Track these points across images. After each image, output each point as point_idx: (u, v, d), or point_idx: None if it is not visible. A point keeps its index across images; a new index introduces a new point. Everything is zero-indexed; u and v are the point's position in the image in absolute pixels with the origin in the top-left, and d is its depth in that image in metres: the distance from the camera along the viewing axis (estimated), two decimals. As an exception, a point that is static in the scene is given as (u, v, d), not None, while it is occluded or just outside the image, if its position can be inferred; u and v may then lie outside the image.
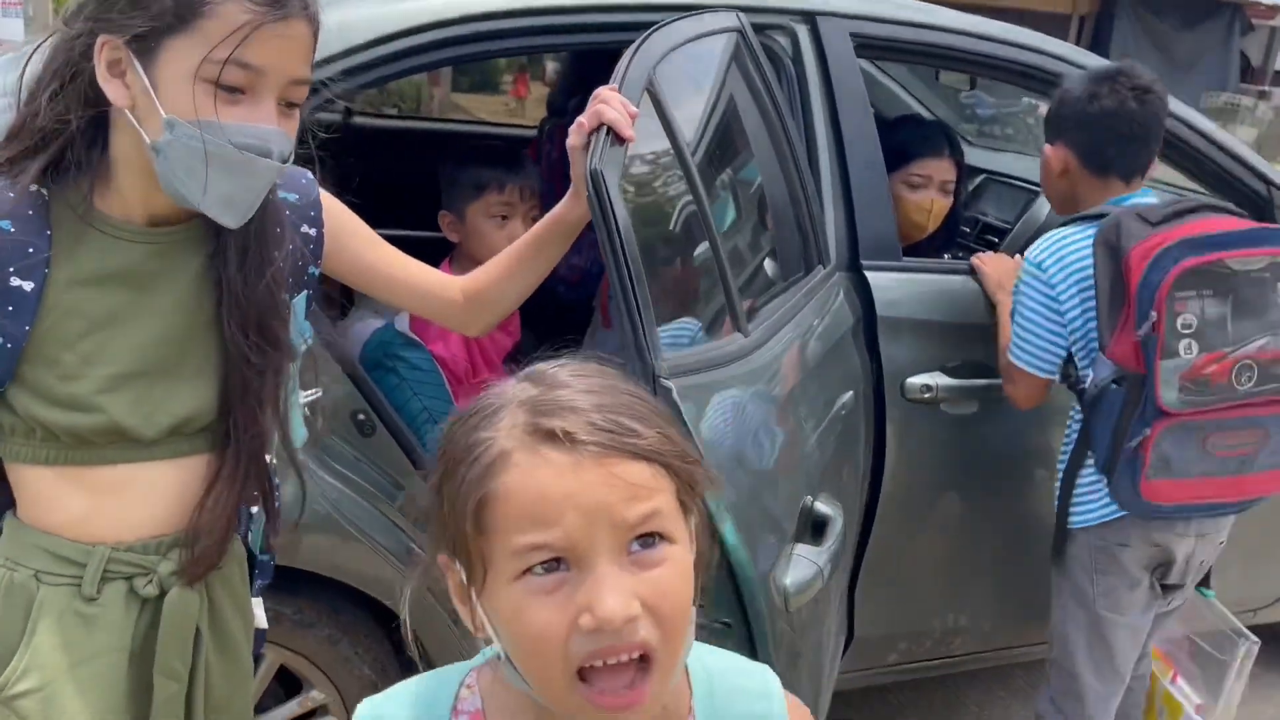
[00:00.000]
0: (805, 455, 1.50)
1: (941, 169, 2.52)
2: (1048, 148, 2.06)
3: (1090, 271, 1.85)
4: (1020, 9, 16.43)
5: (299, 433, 1.32)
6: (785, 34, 2.15)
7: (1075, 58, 2.35)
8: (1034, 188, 3.11)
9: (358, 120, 3.41)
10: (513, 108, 11.21)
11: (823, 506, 1.42)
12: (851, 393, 1.94)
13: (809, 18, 2.15)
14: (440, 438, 0.79)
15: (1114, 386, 1.83)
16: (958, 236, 3.19)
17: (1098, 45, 16.91)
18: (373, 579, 1.87)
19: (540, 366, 0.79)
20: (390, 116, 4.56)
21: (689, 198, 1.38)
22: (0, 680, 1.14)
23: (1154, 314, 1.74)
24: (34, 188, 1.08)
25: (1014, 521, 2.34)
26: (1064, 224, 1.98)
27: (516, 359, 2.45)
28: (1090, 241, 1.86)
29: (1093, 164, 1.98)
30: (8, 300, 1.06)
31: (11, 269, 1.06)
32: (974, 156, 3.52)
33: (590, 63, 2.97)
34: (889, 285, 2.12)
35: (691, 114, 1.56)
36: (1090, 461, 1.95)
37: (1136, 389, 1.80)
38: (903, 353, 2.13)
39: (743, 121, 1.77)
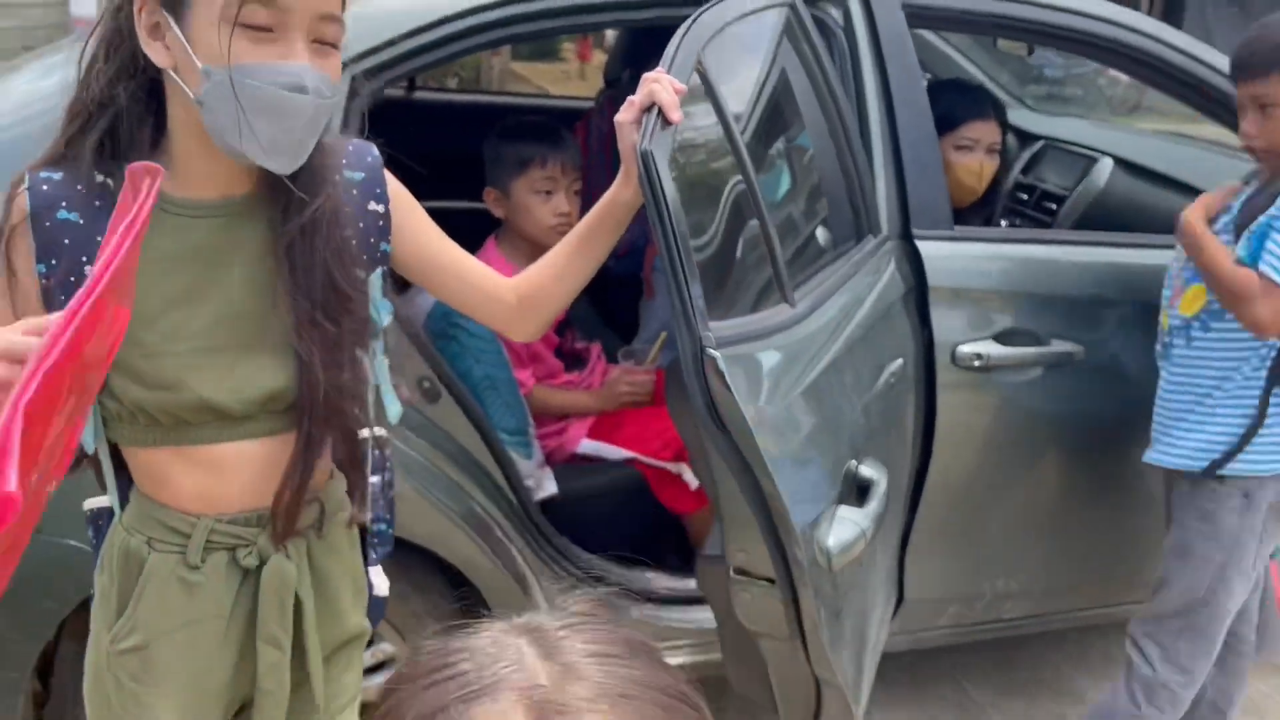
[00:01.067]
0: (850, 421, 1.55)
1: (988, 131, 2.54)
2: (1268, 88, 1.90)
3: None
4: (1091, -35, 16.04)
5: (393, 409, 1.35)
6: (837, 5, 2.17)
7: (1136, 24, 2.34)
8: (1094, 153, 3.09)
9: (418, 95, 3.49)
10: (572, 75, 11.26)
11: (867, 470, 1.47)
12: (901, 360, 1.98)
13: (861, -11, 2.17)
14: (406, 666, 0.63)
15: None
16: (1008, 202, 3.19)
17: (1171, 7, 16.39)
18: (439, 539, 1.97)
19: (548, 627, 0.61)
20: (449, 91, 4.63)
21: (738, 174, 1.43)
22: (111, 634, 1.22)
23: None
24: (100, 178, 1.09)
25: (1069, 485, 2.36)
26: None
27: (565, 327, 2.53)
28: None
29: None
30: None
31: (84, 258, 1.08)
32: (1034, 123, 3.50)
33: (645, 34, 3.01)
34: (940, 254, 2.14)
35: (743, 90, 1.60)
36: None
37: None
38: (955, 321, 2.15)
39: (794, 95, 1.81)
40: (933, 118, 2.28)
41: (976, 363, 2.15)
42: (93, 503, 1.29)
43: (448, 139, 2.66)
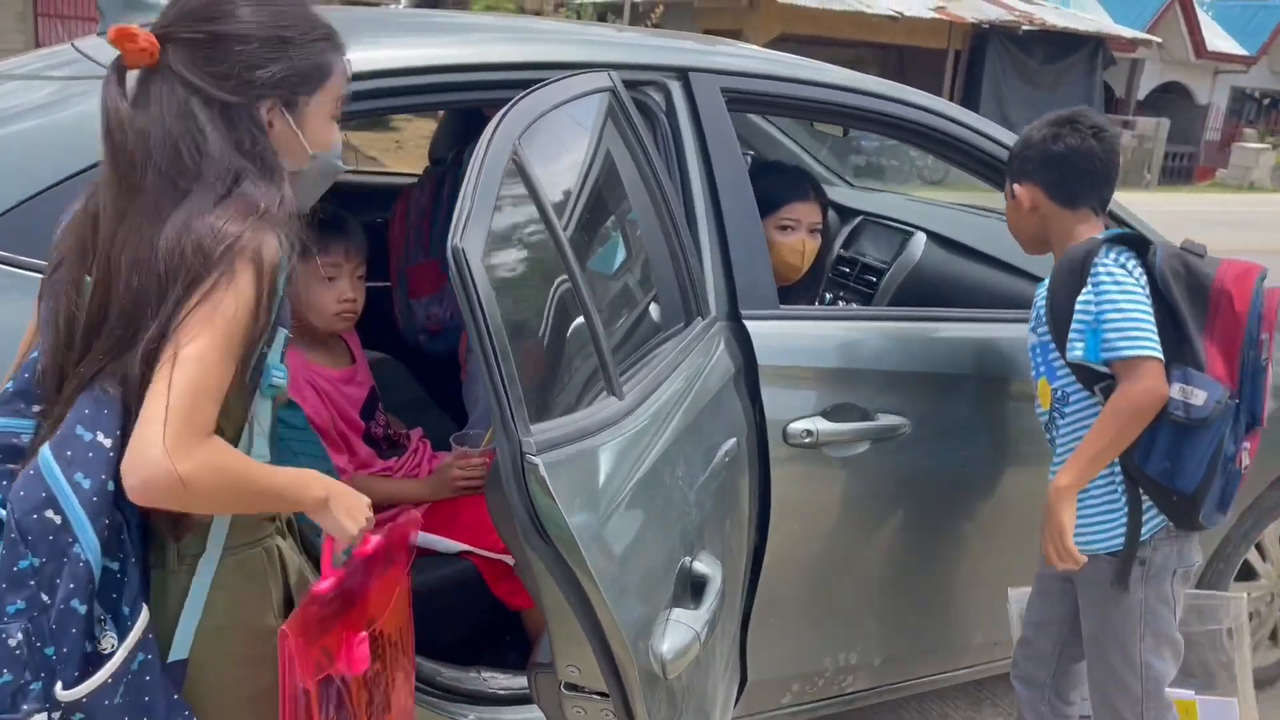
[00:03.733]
0: (683, 514, 1.52)
1: (809, 211, 2.61)
2: (1015, 187, 2.16)
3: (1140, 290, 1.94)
4: (902, 45, 17.15)
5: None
6: (659, 90, 2.18)
7: (935, 106, 2.46)
8: (909, 228, 3.23)
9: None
10: (405, 145, 11.14)
11: (701, 565, 1.43)
12: (734, 440, 1.97)
13: (682, 74, 2.20)
14: None
15: (1230, 403, 1.93)
16: (831, 274, 3.29)
17: (971, 76, 17.73)
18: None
19: None
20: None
21: (559, 264, 1.39)
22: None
23: (1264, 335, 1.95)
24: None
25: (902, 556, 2.40)
26: (1088, 249, 2.02)
27: (372, 408, 2.43)
28: (1135, 263, 1.98)
29: (1061, 198, 2.10)
30: (286, 297, 1.33)
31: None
32: (853, 198, 3.64)
33: (470, 116, 2.97)
34: (768, 333, 2.16)
35: (565, 176, 1.58)
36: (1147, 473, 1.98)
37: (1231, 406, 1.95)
38: (784, 399, 2.17)
39: (619, 179, 1.80)
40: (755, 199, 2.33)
41: (807, 439, 2.16)
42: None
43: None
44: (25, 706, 1.13)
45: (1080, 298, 1.98)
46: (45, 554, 1.15)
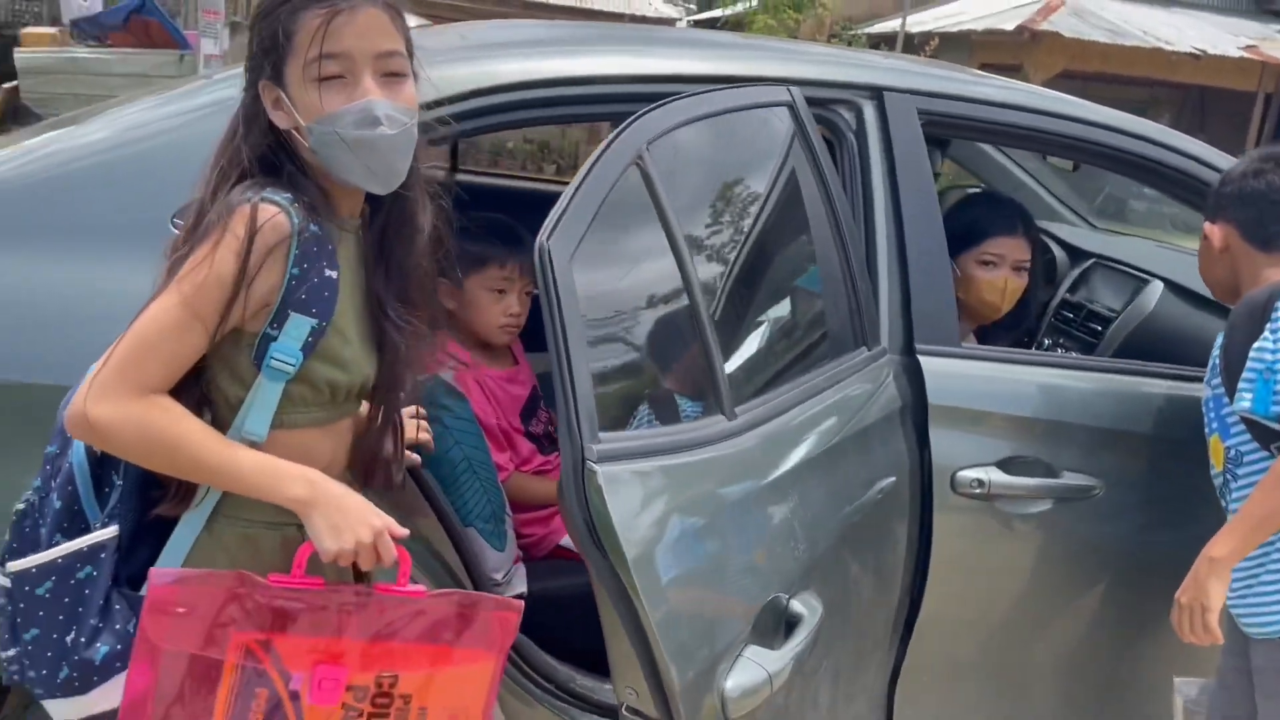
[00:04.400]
0: (786, 549, 1.43)
1: (1015, 247, 2.42)
2: (1208, 225, 1.98)
3: None
4: (1204, 85, 15.75)
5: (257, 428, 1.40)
6: (850, 108, 2.10)
7: (1162, 138, 2.22)
8: (1146, 276, 2.93)
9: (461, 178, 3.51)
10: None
11: (798, 605, 1.34)
12: (892, 480, 1.85)
13: (876, 93, 2.10)
14: None
15: None
16: (1053, 319, 3.04)
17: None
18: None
19: None
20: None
21: (676, 275, 1.35)
22: None
23: None
24: (305, 197, 1.29)
25: (1079, 628, 2.18)
26: (1271, 292, 1.80)
27: (534, 407, 2.47)
28: None
29: (1256, 239, 1.91)
30: (325, 288, 1.29)
31: (324, 262, 1.28)
32: (1090, 240, 3.35)
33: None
34: (944, 371, 2.02)
35: (700, 188, 1.54)
36: None
37: None
38: (956, 444, 2.02)
39: (775, 196, 1.74)
40: (954, 230, 2.19)
41: (977, 489, 2.00)
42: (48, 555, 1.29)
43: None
44: None
45: (1256, 344, 1.73)
46: (59, 446, 1.31)
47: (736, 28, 19.62)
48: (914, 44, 15.62)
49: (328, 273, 1.28)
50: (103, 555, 1.27)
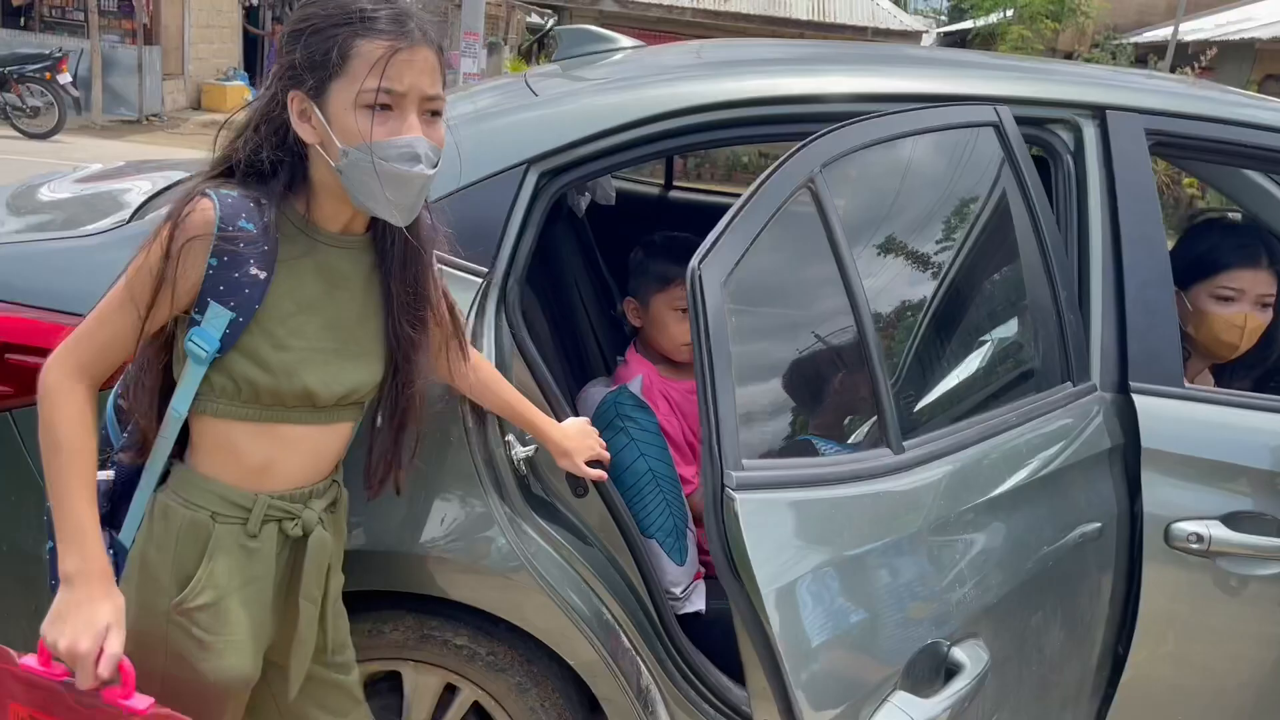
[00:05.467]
0: (951, 593, 1.35)
1: (1259, 281, 2.17)
2: None
3: None
4: None
5: (178, 409, 1.44)
6: (1068, 128, 1.97)
7: None
8: None
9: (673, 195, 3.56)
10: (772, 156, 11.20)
11: (960, 654, 1.27)
12: (1096, 526, 1.72)
13: (1098, 111, 1.96)
14: None
15: None
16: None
17: None
18: (561, 639, 1.93)
19: None
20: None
21: (843, 302, 1.31)
22: (180, 596, 1.39)
23: None
24: (264, 201, 1.34)
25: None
26: None
27: None
28: None
29: None
30: (246, 285, 1.32)
31: (252, 260, 1.32)
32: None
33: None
34: (1162, 413, 1.85)
35: (883, 211, 1.49)
36: None
37: None
38: (1172, 493, 1.84)
39: (970, 222, 1.65)
40: (1186, 259, 2.01)
41: (1195, 544, 1.82)
42: None
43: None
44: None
45: None
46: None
47: (989, 40, 18.85)
48: (1188, 54, 14.43)
49: (253, 271, 1.31)
50: (100, 494, 1.39)
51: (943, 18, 25.72)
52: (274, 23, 19.75)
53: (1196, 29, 15.49)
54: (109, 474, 1.45)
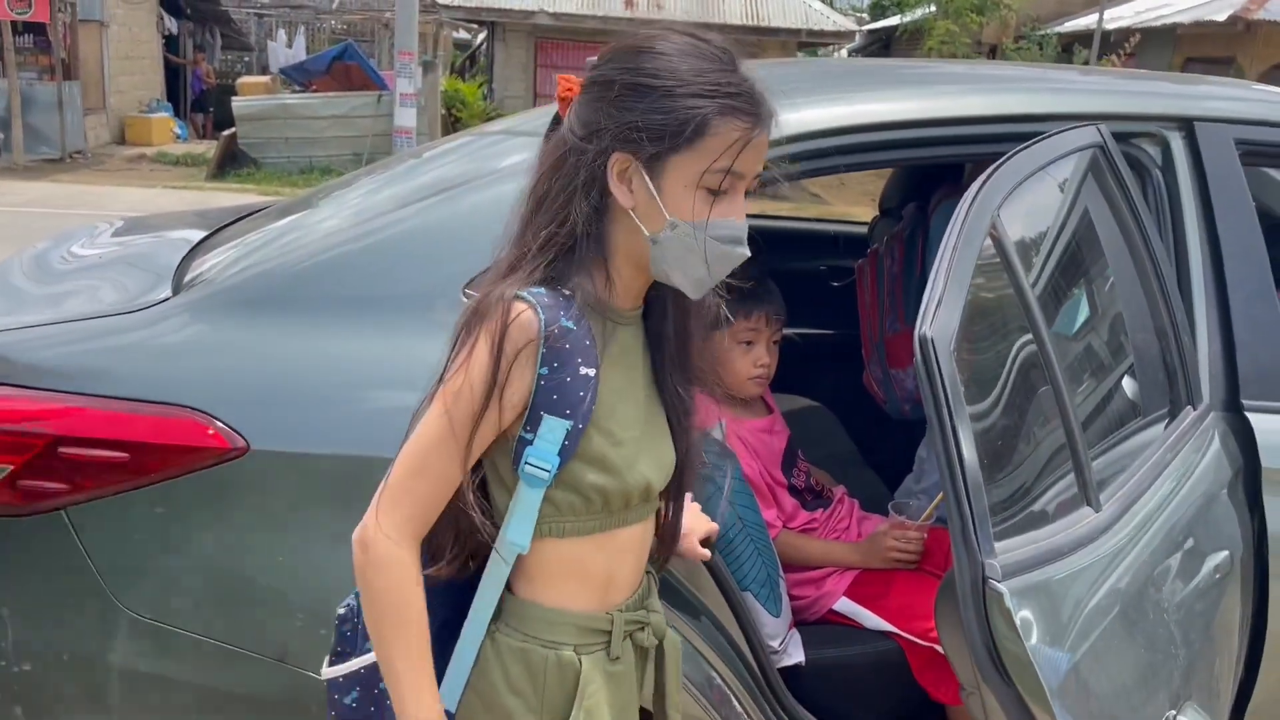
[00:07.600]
0: (1168, 654, 1.28)
1: None
2: None
3: None
4: None
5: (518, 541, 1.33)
6: (1155, 142, 1.92)
7: None
8: None
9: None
10: (843, 183, 11.18)
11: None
12: (1226, 555, 1.66)
13: (1185, 124, 1.92)
14: None
15: None
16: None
17: None
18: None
19: None
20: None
21: (1036, 355, 1.22)
22: None
23: None
24: (565, 291, 1.21)
25: None
26: None
27: (792, 458, 2.36)
28: None
29: None
30: (580, 387, 1.19)
31: (579, 360, 1.19)
32: None
33: (925, 167, 2.84)
34: (1278, 430, 1.81)
35: (1044, 252, 1.41)
36: None
37: None
38: (1294, 512, 1.80)
39: (1100, 251, 1.59)
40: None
41: (1323, 564, 1.77)
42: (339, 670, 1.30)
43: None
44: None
45: None
46: None
47: (916, 36, 19.11)
48: (1110, 42, 14.79)
49: (583, 371, 1.19)
50: (362, 671, 1.25)
51: (863, 15, 26.04)
52: (195, 50, 19.23)
53: (1117, 16, 15.90)
54: None
